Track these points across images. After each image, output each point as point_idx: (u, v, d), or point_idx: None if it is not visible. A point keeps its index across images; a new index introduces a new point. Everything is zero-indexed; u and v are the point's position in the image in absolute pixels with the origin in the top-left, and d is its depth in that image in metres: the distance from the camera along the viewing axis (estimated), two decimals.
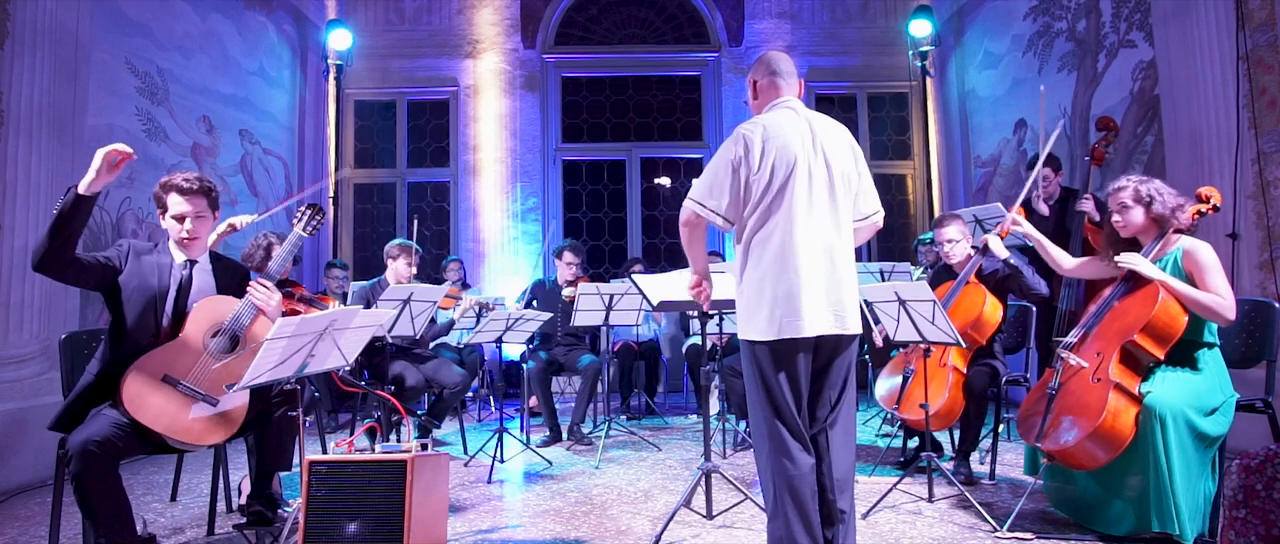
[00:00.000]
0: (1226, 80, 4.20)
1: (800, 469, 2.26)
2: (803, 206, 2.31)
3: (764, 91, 2.53)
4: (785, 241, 2.29)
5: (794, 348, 2.29)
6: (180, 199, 2.69)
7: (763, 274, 2.32)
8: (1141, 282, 2.84)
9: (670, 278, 3.49)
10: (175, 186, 2.69)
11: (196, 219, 2.72)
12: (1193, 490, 2.58)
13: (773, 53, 2.57)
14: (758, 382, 2.33)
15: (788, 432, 2.29)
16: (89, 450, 2.32)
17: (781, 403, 2.29)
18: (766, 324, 2.29)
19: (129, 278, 2.64)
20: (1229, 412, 2.70)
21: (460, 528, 3.16)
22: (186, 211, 2.70)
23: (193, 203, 2.70)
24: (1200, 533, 2.59)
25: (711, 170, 2.40)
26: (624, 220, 8.06)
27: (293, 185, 6.92)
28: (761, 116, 2.45)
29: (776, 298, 2.28)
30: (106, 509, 2.36)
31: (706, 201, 2.37)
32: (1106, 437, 2.65)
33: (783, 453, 2.27)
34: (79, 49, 4.50)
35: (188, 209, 2.69)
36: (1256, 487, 1.51)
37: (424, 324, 4.21)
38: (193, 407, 2.56)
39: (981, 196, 6.79)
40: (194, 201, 2.70)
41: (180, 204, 2.69)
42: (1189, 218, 2.88)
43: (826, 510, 2.31)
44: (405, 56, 7.84)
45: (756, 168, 2.32)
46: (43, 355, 4.16)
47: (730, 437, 4.60)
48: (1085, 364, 2.83)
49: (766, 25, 7.96)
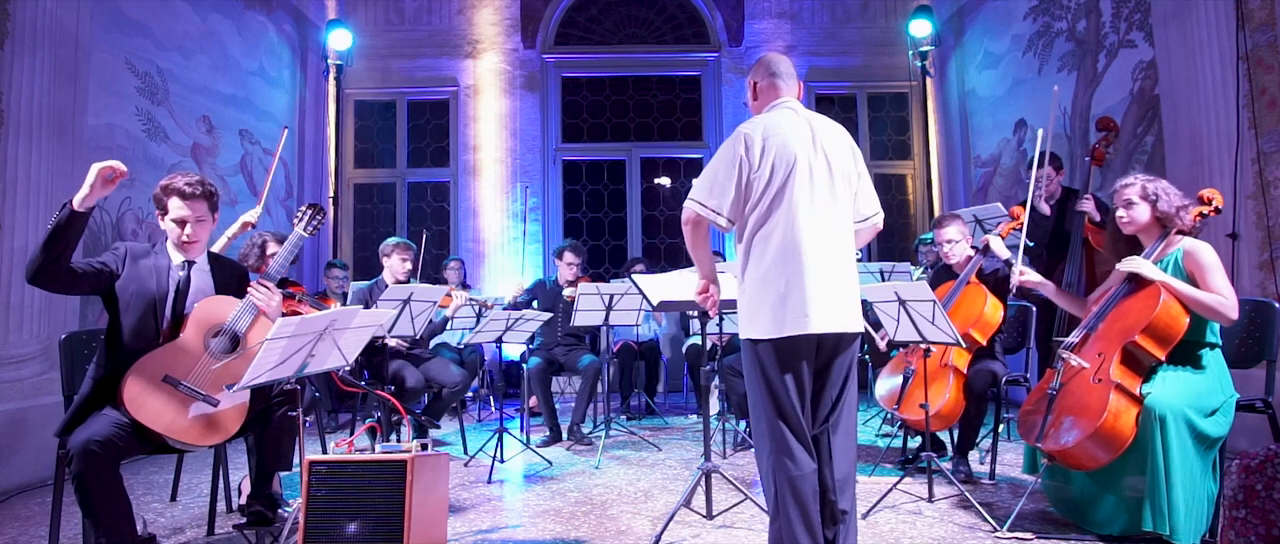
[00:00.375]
0: (1226, 80, 4.20)
1: (802, 469, 2.26)
2: (804, 204, 2.31)
3: (764, 93, 2.53)
4: (787, 239, 2.29)
5: (796, 346, 2.29)
6: (182, 204, 2.68)
7: (764, 272, 2.32)
8: (1143, 283, 2.84)
9: (670, 278, 3.49)
10: (177, 190, 2.67)
11: (197, 223, 2.71)
12: (1192, 491, 2.57)
13: (772, 54, 2.58)
14: (760, 381, 2.33)
15: (789, 431, 2.28)
16: (90, 450, 2.32)
17: (784, 402, 2.29)
18: (769, 322, 2.29)
19: (126, 283, 2.63)
20: (1229, 412, 2.70)
21: (460, 528, 3.16)
22: (187, 216, 2.69)
23: (194, 207, 2.69)
24: (1202, 534, 2.59)
25: (712, 170, 2.40)
26: (624, 220, 8.06)
27: (293, 185, 6.93)
28: (761, 116, 2.46)
29: (779, 296, 2.28)
30: (107, 509, 2.36)
31: (707, 201, 2.37)
32: (1107, 437, 2.65)
33: (784, 453, 2.27)
34: (79, 49, 4.49)
35: (189, 214, 2.69)
36: (1256, 487, 1.51)
37: (424, 324, 4.21)
38: (193, 407, 2.56)
39: (981, 196, 6.79)
40: (195, 206, 2.69)
41: (181, 209, 2.68)
42: (1192, 219, 2.88)
43: (828, 510, 2.31)
44: (405, 56, 7.84)
45: (757, 166, 2.32)
46: (43, 355, 4.16)
47: (730, 437, 4.60)
48: (1086, 365, 2.83)
49: (766, 25, 7.96)
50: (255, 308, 2.72)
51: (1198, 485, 2.59)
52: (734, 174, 2.34)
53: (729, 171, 2.35)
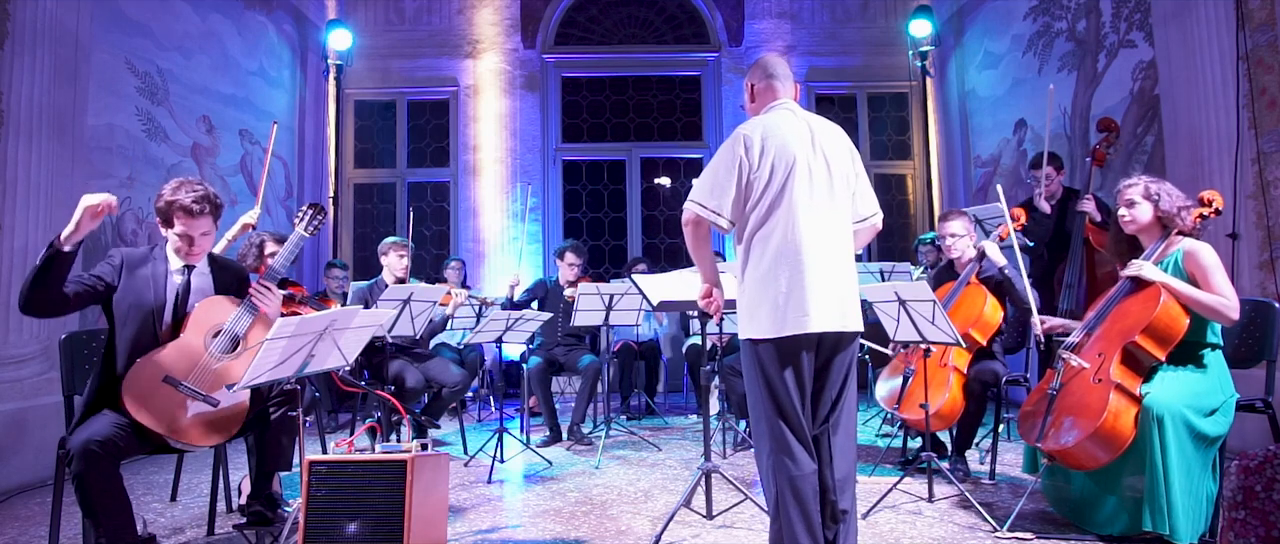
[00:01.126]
0: (1226, 80, 4.20)
1: (802, 469, 2.26)
2: (803, 204, 2.31)
3: (761, 94, 2.54)
4: (787, 239, 2.30)
5: (797, 345, 2.29)
6: (189, 220, 2.65)
7: (764, 272, 2.32)
8: (1144, 283, 2.84)
9: (670, 278, 3.49)
10: (184, 208, 2.63)
11: (203, 237, 2.71)
12: (1191, 491, 2.57)
13: (769, 56, 2.58)
14: (760, 380, 2.33)
15: (790, 431, 2.28)
16: (90, 450, 2.32)
17: (784, 402, 2.29)
18: (769, 322, 2.29)
19: (123, 296, 2.62)
20: (1229, 412, 2.70)
21: (460, 528, 3.16)
22: (194, 233, 2.68)
23: (201, 224, 2.68)
24: (1202, 534, 2.59)
25: (711, 171, 2.40)
26: (624, 220, 8.06)
27: (293, 185, 6.92)
28: (760, 117, 2.46)
29: (779, 295, 2.28)
30: (107, 509, 2.36)
31: (707, 202, 2.37)
32: (1107, 437, 2.65)
33: (784, 452, 2.27)
34: (79, 49, 4.49)
35: (195, 231, 2.68)
36: (1256, 488, 1.51)
37: (423, 324, 4.21)
38: (192, 407, 2.56)
39: (981, 196, 6.79)
40: (202, 222, 2.68)
41: (187, 226, 2.66)
42: (1192, 220, 2.88)
43: (828, 510, 2.31)
44: (405, 56, 7.84)
45: (756, 166, 2.32)
46: (43, 355, 4.16)
47: (730, 437, 4.60)
48: (1086, 365, 2.83)
49: (766, 25, 7.96)
50: (256, 309, 2.72)
51: (1197, 485, 2.59)
52: (734, 175, 2.34)
53: (729, 172, 2.35)
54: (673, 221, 8.08)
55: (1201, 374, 2.75)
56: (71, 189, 4.38)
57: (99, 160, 4.55)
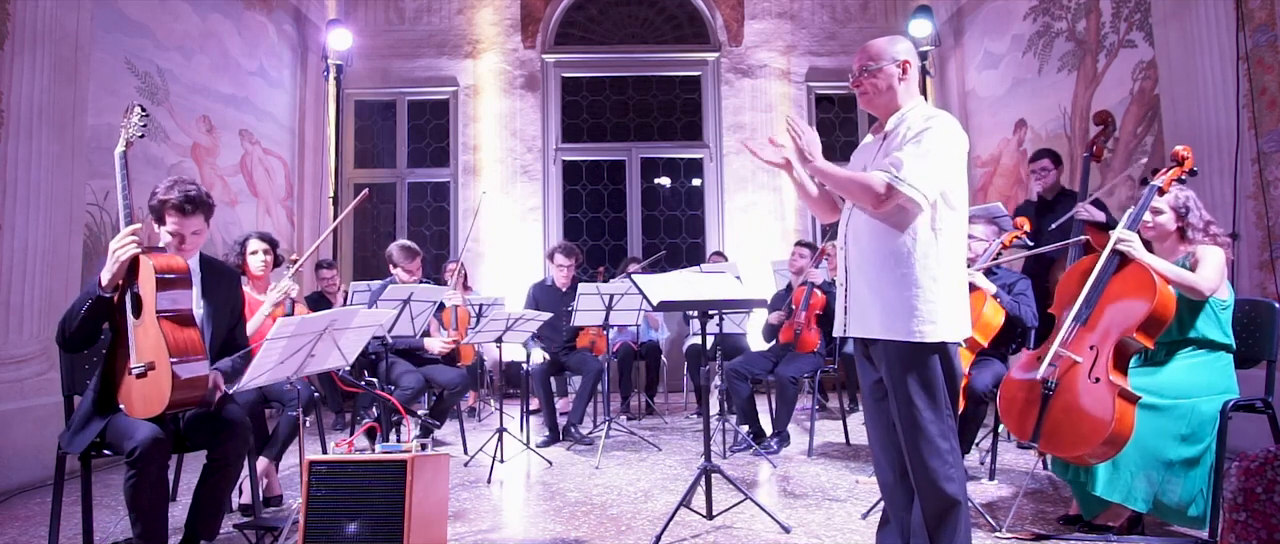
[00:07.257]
0: (1226, 80, 4.20)
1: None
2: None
3: (909, 77, 2.33)
4: (960, 240, 2.25)
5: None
6: (179, 219, 2.68)
7: (951, 271, 2.21)
8: (1127, 260, 2.83)
9: (671, 278, 3.48)
10: (175, 206, 2.66)
11: (194, 235, 2.73)
12: (1190, 475, 2.61)
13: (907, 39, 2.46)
14: (945, 388, 2.21)
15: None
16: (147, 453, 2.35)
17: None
18: (959, 324, 2.21)
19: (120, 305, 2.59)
20: (1225, 390, 2.75)
21: (460, 528, 3.16)
22: (185, 231, 2.70)
23: (191, 222, 2.70)
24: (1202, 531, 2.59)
25: (939, 157, 2.15)
26: (624, 220, 8.06)
27: (293, 185, 6.92)
28: (943, 111, 2.33)
29: (961, 298, 2.23)
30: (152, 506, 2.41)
31: (928, 191, 2.13)
32: (1115, 438, 2.64)
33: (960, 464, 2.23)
34: (79, 49, 4.49)
35: (186, 230, 2.70)
36: (1256, 490, 1.51)
37: (423, 324, 4.20)
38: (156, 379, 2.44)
39: (981, 196, 6.79)
40: (192, 220, 2.71)
41: (179, 224, 2.69)
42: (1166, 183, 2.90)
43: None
44: (405, 56, 7.84)
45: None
46: (43, 355, 4.16)
47: (730, 437, 4.60)
48: (1080, 359, 2.79)
49: (766, 25, 7.96)
50: None
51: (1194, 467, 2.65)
52: (962, 166, 2.24)
53: (961, 164, 2.22)
54: (673, 221, 8.09)
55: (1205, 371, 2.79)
56: (71, 189, 4.39)
57: (99, 160, 4.55)
